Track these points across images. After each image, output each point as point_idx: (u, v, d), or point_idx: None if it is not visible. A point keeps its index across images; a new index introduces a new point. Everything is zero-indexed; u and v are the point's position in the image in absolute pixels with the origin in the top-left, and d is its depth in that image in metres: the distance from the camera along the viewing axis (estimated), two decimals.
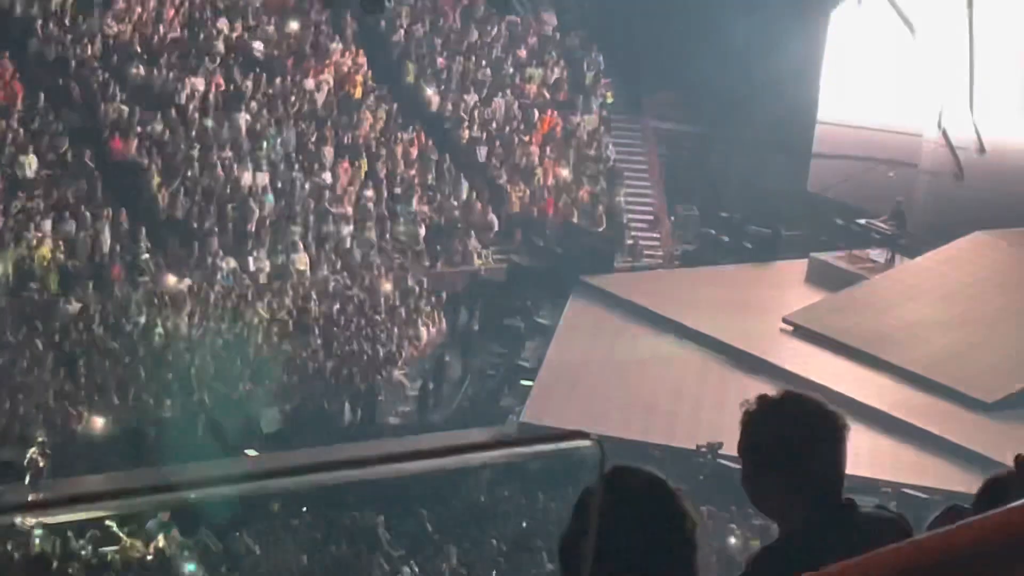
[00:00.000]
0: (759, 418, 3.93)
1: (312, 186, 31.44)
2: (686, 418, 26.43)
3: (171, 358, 26.80)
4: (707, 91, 35.40)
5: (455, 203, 33.24)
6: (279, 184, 31.12)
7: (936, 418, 26.53)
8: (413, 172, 33.19)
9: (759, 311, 30.80)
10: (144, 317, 27.29)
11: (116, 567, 21.41)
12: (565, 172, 35.19)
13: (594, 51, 38.02)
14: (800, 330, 29.85)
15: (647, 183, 37.34)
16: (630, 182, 36.69)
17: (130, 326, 27.03)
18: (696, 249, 35.43)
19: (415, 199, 32.55)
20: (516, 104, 35.82)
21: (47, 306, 26.84)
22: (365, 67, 34.55)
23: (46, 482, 23.14)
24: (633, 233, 35.42)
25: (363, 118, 33.45)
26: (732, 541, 22.38)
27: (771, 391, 3.99)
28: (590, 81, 37.57)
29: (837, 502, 3.95)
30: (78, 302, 27.01)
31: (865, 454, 23.58)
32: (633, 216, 35.96)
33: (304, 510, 23.37)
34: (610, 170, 36.05)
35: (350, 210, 31.51)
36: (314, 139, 32.28)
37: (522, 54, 37.05)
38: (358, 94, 33.92)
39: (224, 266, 28.93)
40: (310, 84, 33.20)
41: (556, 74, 37.09)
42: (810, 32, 34.57)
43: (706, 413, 26.06)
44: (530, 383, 28.40)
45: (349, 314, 29.30)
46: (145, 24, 31.90)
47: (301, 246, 30.19)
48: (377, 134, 33.47)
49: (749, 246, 34.21)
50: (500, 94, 35.78)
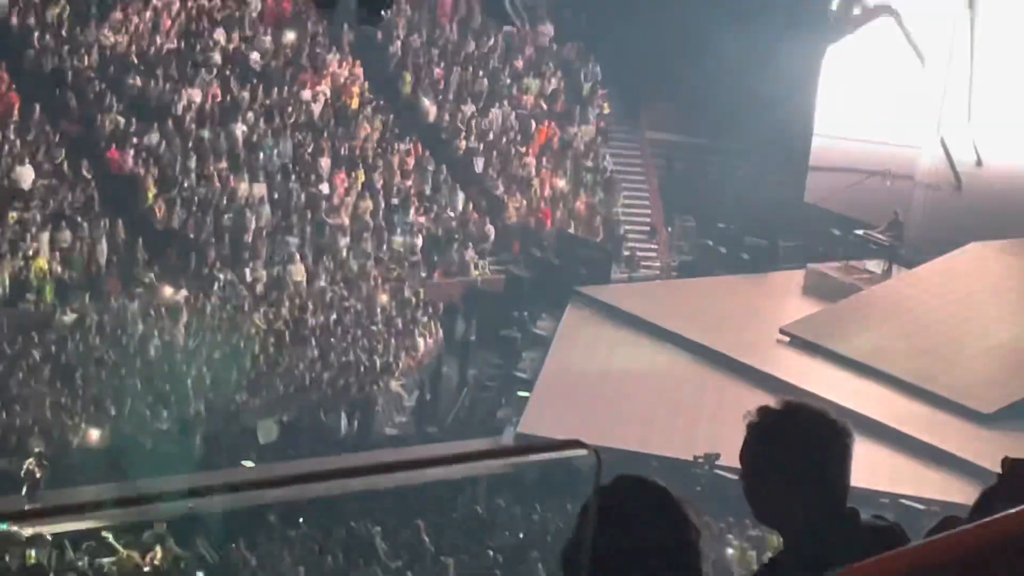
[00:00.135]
0: (765, 428, 3.88)
1: (309, 197, 31.43)
2: (683, 429, 26.39)
3: (168, 369, 26.78)
4: (704, 102, 35.44)
5: (452, 214, 33.25)
6: (276, 195, 31.11)
7: (934, 429, 26.51)
8: (410, 183, 33.19)
9: (756, 322, 30.80)
10: (141, 328, 27.28)
11: None
12: (562, 183, 35.20)
13: (591, 62, 38.04)
14: (797, 341, 29.84)
15: (644, 194, 37.38)
16: (627, 193, 36.71)
17: (127, 337, 27.01)
18: (693, 260, 35.42)
19: (412, 210, 32.55)
20: (513, 115, 35.84)
21: (43, 317, 26.82)
22: (362, 78, 34.55)
23: (43, 493, 23.11)
24: (630, 244, 35.43)
25: (360, 129, 33.46)
26: (729, 552, 22.38)
27: (768, 402, 3.94)
28: (587, 92, 37.59)
29: (843, 512, 3.91)
30: (74, 313, 26.99)
31: (863, 465, 23.41)
32: (630, 227, 35.98)
33: (301, 521, 23.33)
34: (607, 181, 36.07)
35: (347, 221, 31.51)
36: (311, 150, 32.27)
37: (519, 65, 37.06)
38: (355, 105, 33.93)
39: (221, 277, 28.91)
40: (307, 95, 33.20)
41: (553, 85, 37.12)
42: (807, 44, 34.57)
43: (703, 424, 26.04)
44: (527, 394, 28.35)
45: (346, 325, 29.28)
46: (142, 35, 31.90)
47: (298, 257, 30.19)
48: (374, 145, 33.47)
49: (746, 257, 34.20)
50: (497, 105, 35.79)
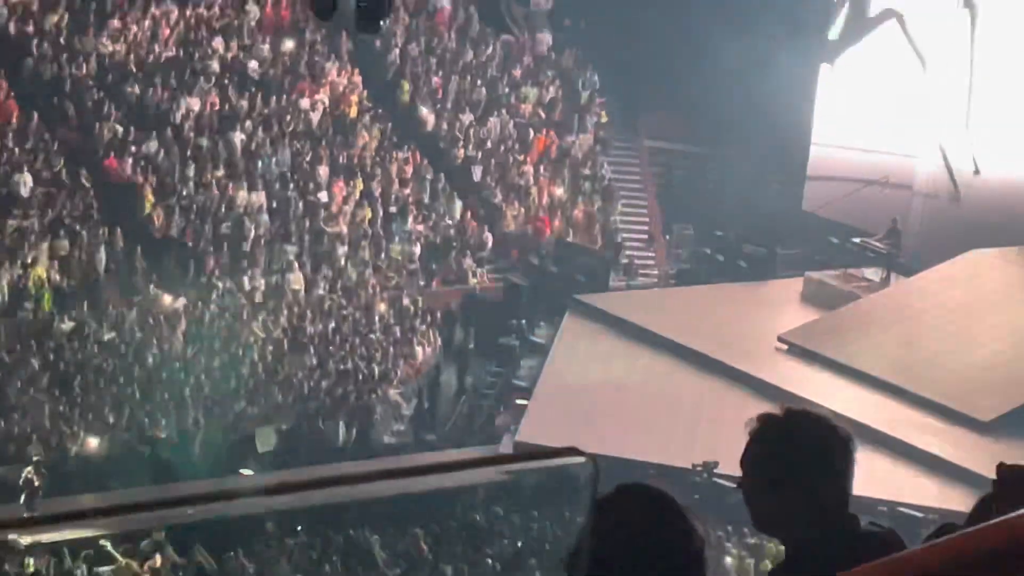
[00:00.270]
0: (767, 434, 3.85)
1: (307, 205, 31.45)
2: (681, 437, 26.40)
3: (166, 377, 26.78)
4: (702, 111, 35.43)
5: (450, 222, 33.26)
6: (274, 203, 31.12)
7: (932, 437, 26.52)
8: (408, 191, 33.20)
9: (754, 330, 30.80)
10: (139, 336, 27.28)
11: None
12: (560, 191, 35.21)
13: (589, 71, 38.04)
14: (795, 349, 29.84)
15: (642, 202, 37.38)
16: (625, 201, 36.72)
17: (125, 345, 27.01)
18: (691, 268, 35.42)
19: (410, 218, 32.57)
20: (511, 123, 35.85)
21: (42, 325, 26.82)
22: (360, 86, 34.57)
23: (41, 501, 23.11)
24: (628, 252, 35.42)
25: (358, 137, 33.48)
26: (728, 561, 22.37)
27: (766, 410, 3.91)
28: (585, 100, 37.60)
29: (844, 518, 3.88)
30: (73, 321, 26.99)
31: (860, 472, 23.45)
32: (628, 235, 35.98)
33: (299, 529, 23.31)
34: (605, 189, 36.07)
35: (345, 229, 31.52)
36: (309, 158, 32.28)
37: (517, 74, 37.07)
38: (353, 113, 33.95)
39: (219, 285, 28.92)
40: (305, 103, 33.21)
41: (551, 93, 37.12)
42: (805, 53, 34.60)
43: (701, 432, 26.04)
44: (525, 402, 28.38)
45: (344, 333, 29.28)
46: (140, 44, 31.93)
47: (296, 265, 30.20)
48: (372, 153, 33.48)
49: (744, 265, 34.21)
50: (495, 113, 35.80)
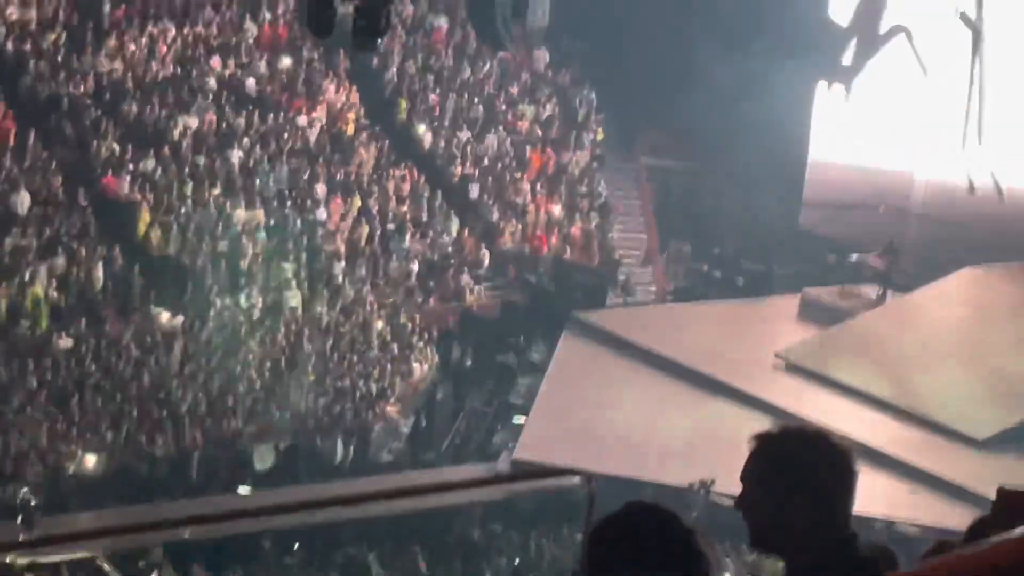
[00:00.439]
0: (768, 450, 3.82)
1: (305, 223, 31.46)
2: (678, 455, 26.37)
3: (164, 395, 26.76)
4: (699, 128, 35.44)
5: (447, 239, 33.27)
6: (272, 221, 31.13)
7: (928, 454, 26.52)
8: (405, 209, 33.22)
9: (751, 347, 30.80)
10: (137, 354, 27.26)
11: None
12: (557, 208, 35.23)
13: (586, 88, 38.09)
14: (792, 366, 29.86)
15: (639, 220, 37.40)
16: (622, 218, 36.74)
17: (122, 363, 27.00)
18: (689, 285, 35.45)
19: (407, 236, 32.57)
20: (508, 141, 35.88)
21: (39, 343, 26.80)
22: (358, 104, 34.60)
23: (38, 520, 23.05)
24: (625, 269, 35.44)
25: (356, 155, 33.50)
26: None
27: (763, 427, 3.90)
28: (582, 118, 37.64)
29: (844, 536, 3.85)
30: (70, 339, 26.97)
31: (858, 490, 23.48)
32: (625, 252, 36.00)
33: (297, 547, 23.30)
34: (602, 206, 36.09)
35: (343, 247, 31.53)
36: (307, 176, 32.29)
37: (514, 91, 37.12)
38: (351, 131, 33.97)
39: (217, 303, 28.91)
40: (303, 121, 33.24)
41: (548, 111, 37.16)
42: (801, 71, 34.66)
43: (698, 450, 26.01)
44: (523, 420, 28.36)
45: (342, 350, 29.27)
46: (138, 62, 31.95)
47: (294, 283, 30.20)
48: (369, 171, 33.50)
49: (741, 282, 34.23)
50: (492, 131, 35.84)
